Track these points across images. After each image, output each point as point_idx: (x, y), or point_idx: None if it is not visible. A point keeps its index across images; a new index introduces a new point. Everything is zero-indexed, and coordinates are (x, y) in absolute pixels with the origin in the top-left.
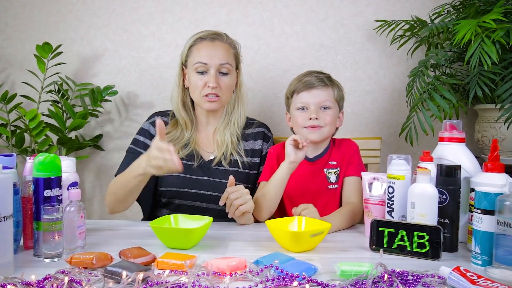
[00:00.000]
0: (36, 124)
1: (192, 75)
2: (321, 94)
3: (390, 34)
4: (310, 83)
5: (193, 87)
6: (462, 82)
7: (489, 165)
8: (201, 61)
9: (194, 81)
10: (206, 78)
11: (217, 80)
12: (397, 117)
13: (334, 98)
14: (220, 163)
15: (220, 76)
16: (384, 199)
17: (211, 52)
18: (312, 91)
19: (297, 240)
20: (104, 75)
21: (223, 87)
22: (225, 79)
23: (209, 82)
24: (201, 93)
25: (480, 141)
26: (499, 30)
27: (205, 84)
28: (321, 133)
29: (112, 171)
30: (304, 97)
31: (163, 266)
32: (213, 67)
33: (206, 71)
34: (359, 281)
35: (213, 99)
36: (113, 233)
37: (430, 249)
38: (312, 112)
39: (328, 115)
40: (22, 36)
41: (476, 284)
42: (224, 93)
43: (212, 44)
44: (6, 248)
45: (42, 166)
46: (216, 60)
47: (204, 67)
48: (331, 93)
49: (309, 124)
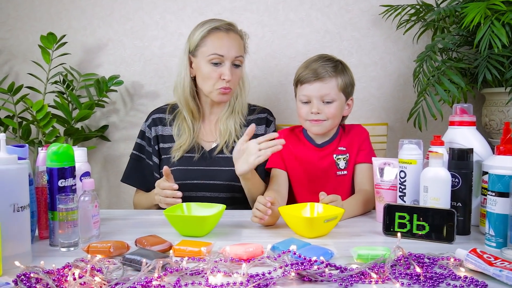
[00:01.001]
0: (44, 115)
1: (205, 66)
2: (323, 87)
3: (395, 19)
4: (315, 73)
5: (205, 78)
6: (470, 66)
7: (501, 148)
8: (217, 53)
9: (207, 72)
10: (221, 70)
11: (231, 72)
12: (403, 102)
13: (338, 89)
14: (222, 151)
15: (233, 69)
16: (395, 184)
17: (227, 44)
18: (315, 84)
19: (311, 225)
20: (108, 65)
21: (235, 79)
22: (237, 71)
23: (224, 75)
24: (215, 85)
25: (488, 125)
26: (509, 12)
27: (219, 76)
28: (323, 127)
29: (119, 161)
30: (307, 89)
31: (180, 253)
32: (228, 59)
33: (221, 62)
34: (376, 265)
35: (227, 92)
36: (124, 222)
37: (444, 232)
38: (314, 106)
39: (331, 108)
40: (25, 27)
41: (494, 265)
42: (235, 84)
43: (227, 35)
44: (24, 238)
45: (56, 156)
46: (232, 52)
47: (220, 58)
48: (334, 84)
49: (311, 118)
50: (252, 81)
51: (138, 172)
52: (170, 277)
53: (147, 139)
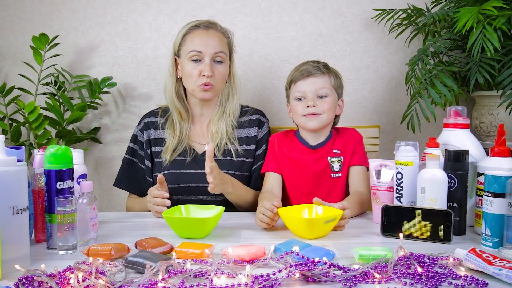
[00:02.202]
0: (36, 117)
1: (186, 64)
2: (317, 81)
3: (387, 23)
4: (307, 71)
5: (188, 76)
6: (463, 69)
7: (496, 149)
8: (195, 49)
9: (189, 70)
10: (201, 67)
11: (212, 68)
12: (395, 105)
13: (331, 85)
14: (214, 154)
15: (214, 65)
16: (392, 185)
17: (206, 40)
18: (308, 79)
19: (312, 227)
20: (100, 67)
21: (217, 76)
22: (220, 68)
23: (204, 71)
24: (196, 82)
25: (478, 127)
26: (501, 17)
27: (199, 73)
28: (319, 121)
29: (110, 164)
30: (301, 86)
31: (182, 255)
32: (208, 55)
33: (200, 59)
34: (379, 265)
35: (207, 88)
36: (121, 224)
37: (441, 233)
38: (309, 100)
39: (325, 103)
40: (15, 28)
41: (493, 264)
42: (218, 82)
43: (206, 32)
44: (23, 241)
45: (54, 158)
46: (211, 48)
47: (199, 55)
48: (327, 80)
49: (307, 112)
50: (245, 83)
51: (131, 176)
52: (174, 279)
53: (139, 143)
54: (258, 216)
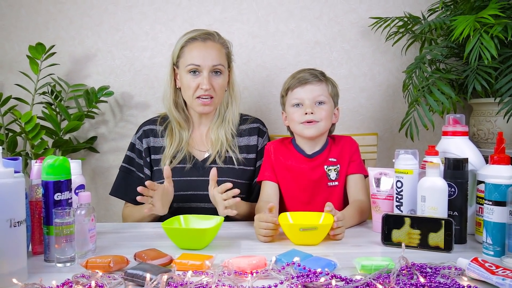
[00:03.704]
0: (32, 127)
1: (185, 76)
2: (315, 89)
3: (384, 31)
4: (304, 78)
5: (186, 88)
6: (460, 77)
7: (495, 157)
8: (193, 63)
9: (187, 82)
10: (199, 80)
11: (210, 81)
12: (393, 113)
13: (328, 93)
14: (215, 161)
15: (213, 77)
16: (391, 193)
17: (204, 53)
18: (306, 87)
19: (289, 232)
20: (97, 76)
21: (216, 88)
22: (218, 80)
23: (202, 84)
24: (193, 94)
25: (476, 134)
26: (497, 25)
27: (197, 86)
28: (317, 128)
29: (107, 173)
30: (298, 93)
31: (182, 267)
32: (206, 68)
33: (199, 72)
34: (381, 275)
35: (207, 102)
36: (118, 236)
37: (442, 242)
38: (307, 107)
39: (323, 110)
40: (10, 37)
41: (496, 274)
42: (217, 93)
43: (204, 44)
44: (20, 254)
45: (52, 169)
46: (209, 61)
47: (197, 68)
48: (325, 88)
49: (304, 120)
50: (243, 91)
51: (127, 185)
52: None
53: (137, 151)
54: (260, 232)
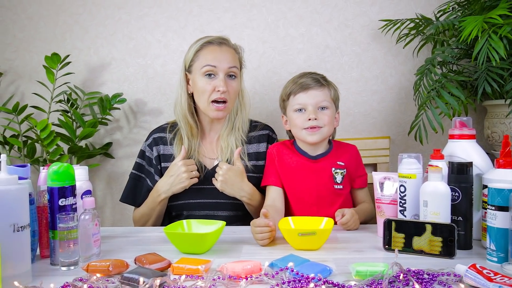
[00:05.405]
0: (47, 134)
1: (200, 80)
2: (318, 94)
3: (395, 33)
4: (306, 84)
5: (201, 91)
6: (470, 79)
7: (501, 161)
8: (209, 64)
9: (202, 86)
10: (215, 82)
11: (226, 84)
12: (405, 115)
13: (330, 97)
14: None
15: (228, 80)
16: (396, 198)
17: (219, 55)
18: (309, 92)
19: (288, 237)
20: (111, 84)
21: (231, 92)
22: (233, 83)
23: (219, 86)
24: (209, 98)
25: (490, 137)
26: (506, 25)
27: (213, 89)
28: (320, 134)
29: (123, 178)
30: (301, 98)
31: (179, 271)
32: (222, 70)
33: (214, 74)
34: (374, 281)
35: (221, 108)
36: (126, 240)
37: (444, 247)
38: (310, 113)
39: (326, 115)
40: (30, 48)
41: (493, 281)
42: (231, 98)
43: (219, 48)
44: (24, 258)
45: (56, 175)
46: (225, 63)
47: (213, 70)
48: (327, 93)
49: (308, 125)
50: (253, 97)
51: (137, 192)
52: None
53: (147, 159)
54: (256, 237)
